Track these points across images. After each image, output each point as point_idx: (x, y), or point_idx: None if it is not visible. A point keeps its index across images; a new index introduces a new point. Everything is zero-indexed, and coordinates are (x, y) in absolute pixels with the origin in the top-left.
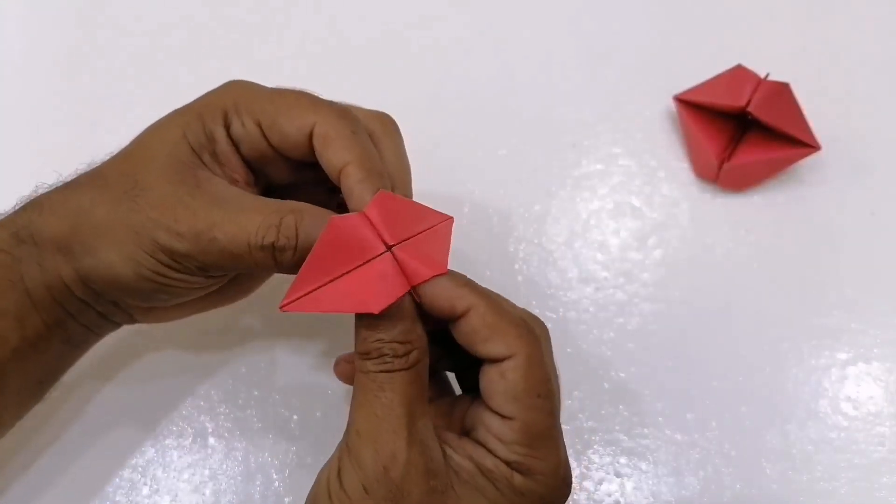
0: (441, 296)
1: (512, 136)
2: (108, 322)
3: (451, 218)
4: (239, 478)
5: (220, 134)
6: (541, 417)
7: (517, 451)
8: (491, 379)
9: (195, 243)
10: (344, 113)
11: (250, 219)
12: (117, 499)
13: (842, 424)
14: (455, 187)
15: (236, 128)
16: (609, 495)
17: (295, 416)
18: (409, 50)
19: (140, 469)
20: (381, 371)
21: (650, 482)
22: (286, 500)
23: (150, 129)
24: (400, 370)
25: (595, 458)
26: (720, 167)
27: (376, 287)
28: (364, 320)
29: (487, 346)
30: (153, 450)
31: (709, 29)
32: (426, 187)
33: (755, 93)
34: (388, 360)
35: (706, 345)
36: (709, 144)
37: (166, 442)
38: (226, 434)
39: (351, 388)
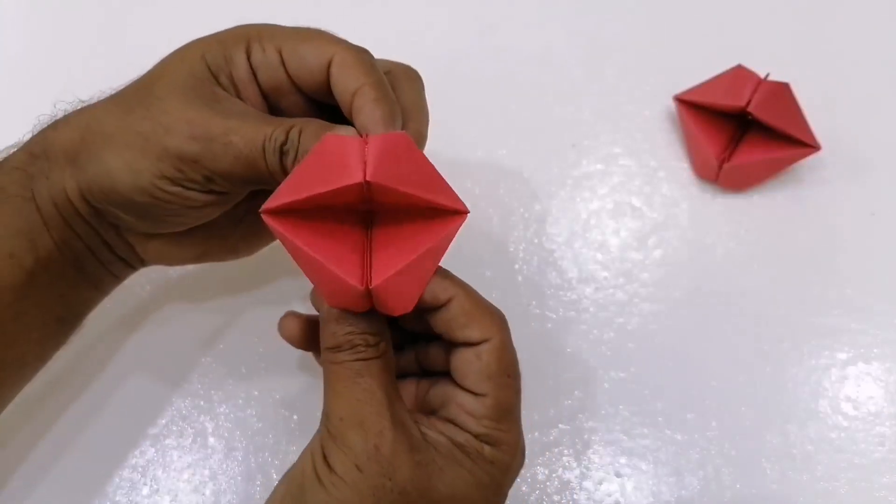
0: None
1: (512, 136)
2: (116, 258)
3: (465, 212)
4: (239, 478)
5: (239, 59)
6: (510, 395)
7: (486, 424)
8: (467, 360)
9: (208, 147)
10: (364, 49)
11: (268, 124)
12: (117, 499)
13: (842, 424)
14: (455, 187)
15: (256, 54)
16: (609, 495)
17: (295, 416)
18: (409, 50)
19: (140, 469)
20: (357, 360)
21: (650, 482)
22: None
23: (171, 54)
24: (374, 358)
25: (595, 458)
26: (720, 167)
27: (343, 293)
28: (332, 315)
29: (466, 332)
30: (153, 450)
31: (709, 29)
32: None
33: (755, 93)
34: (362, 349)
35: (706, 345)
36: (709, 144)
37: (166, 442)
38: (226, 434)
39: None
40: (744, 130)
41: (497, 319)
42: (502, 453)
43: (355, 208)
